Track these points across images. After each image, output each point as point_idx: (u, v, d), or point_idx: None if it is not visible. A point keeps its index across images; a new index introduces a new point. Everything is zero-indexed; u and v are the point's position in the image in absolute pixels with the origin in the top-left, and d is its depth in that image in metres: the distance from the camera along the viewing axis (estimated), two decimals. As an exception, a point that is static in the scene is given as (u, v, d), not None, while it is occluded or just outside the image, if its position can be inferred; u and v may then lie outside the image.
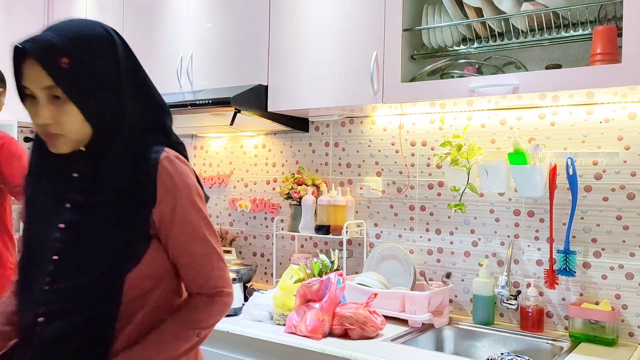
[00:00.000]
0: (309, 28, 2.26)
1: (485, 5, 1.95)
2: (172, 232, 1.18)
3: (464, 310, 2.25)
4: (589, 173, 2.00)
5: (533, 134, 2.11)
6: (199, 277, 1.22)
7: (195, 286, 1.23)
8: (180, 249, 1.20)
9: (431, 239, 2.33)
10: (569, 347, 1.86)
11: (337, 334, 1.90)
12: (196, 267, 1.21)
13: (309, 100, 2.26)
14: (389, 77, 2.04)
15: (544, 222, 2.08)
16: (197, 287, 1.22)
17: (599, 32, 1.74)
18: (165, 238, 1.18)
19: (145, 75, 1.23)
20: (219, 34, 2.54)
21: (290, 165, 2.76)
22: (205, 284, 1.22)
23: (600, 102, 1.95)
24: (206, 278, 1.22)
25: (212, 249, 1.23)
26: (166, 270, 1.21)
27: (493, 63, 2.13)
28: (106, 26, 1.17)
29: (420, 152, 2.37)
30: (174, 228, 1.18)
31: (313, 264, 2.12)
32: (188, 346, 1.21)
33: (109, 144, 1.14)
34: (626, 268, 1.94)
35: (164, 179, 1.16)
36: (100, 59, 1.14)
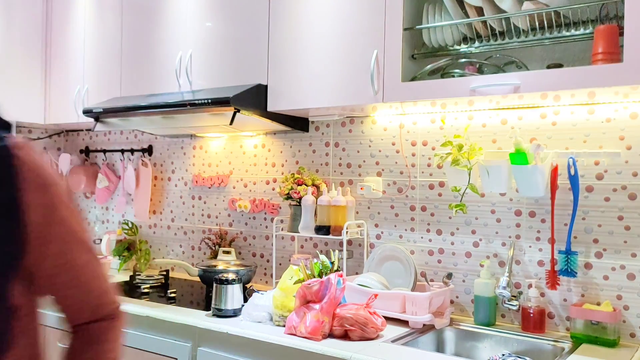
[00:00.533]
0: (309, 28, 2.25)
1: (486, 4, 1.95)
2: (49, 246, 0.89)
3: (465, 311, 2.24)
4: (590, 173, 1.99)
5: (534, 133, 2.10)
6: (91, 296, 0.96)
7: (87, 310, 0.97)
8: (59, 265, 0.92)
9: (432, 240, 2.32)
10: (570, 348, 1.85)
11: (337, 335, 1.89)
12: (83, 283, 0.95)
13: (309, 100, 2.25)
14: (389, 76, 2.03)
15: (546, 222, 2.07)
16: (90, 310, 0.97)
17: (600, 31, 1.73)
18: (38, 259, 0.88)
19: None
20: (219, 33, 2.53)
21: (290, 165, 2.75)
22: (101, 303, 0.96)
23: (602, 101, 1.95)
24: (99, 294, 0.97)
25: (93, 253, 0.97)
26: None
27: (494, 62, 2.12)
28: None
29: (421, 152, 2.36)
30: (51, 238, 0.89)
31: (313, 265, 2.10)
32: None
33: None
34: (628, 269, 1.93)
35: (26, 175, 0.87)
36: None
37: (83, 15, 3.12)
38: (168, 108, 2.43)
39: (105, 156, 3.52)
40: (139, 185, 3.24)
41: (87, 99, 3.06)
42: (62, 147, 3.78)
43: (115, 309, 0.98)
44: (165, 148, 3.25)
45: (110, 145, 3.53)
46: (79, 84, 3.12)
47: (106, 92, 2.98)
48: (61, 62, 3.24)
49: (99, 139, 3.60)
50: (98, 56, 3.03)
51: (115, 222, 3.48)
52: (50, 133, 3.71)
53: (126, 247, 3.14)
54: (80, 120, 3.08)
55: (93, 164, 3.61)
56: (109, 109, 2.68)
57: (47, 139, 3.70)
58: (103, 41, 3.01)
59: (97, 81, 3.03)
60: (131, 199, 3.33)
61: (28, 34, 3.24)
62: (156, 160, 3.28)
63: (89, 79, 3.08)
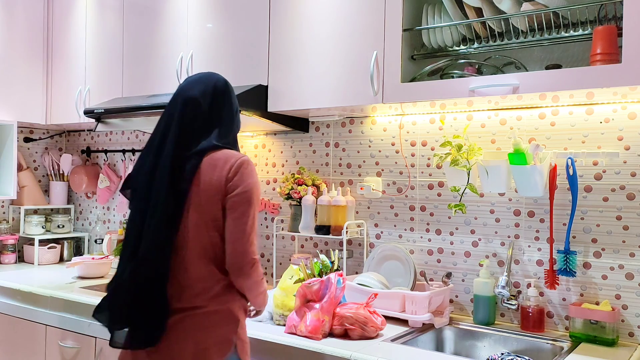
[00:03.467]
0: (309, 28, 2.26)
1: (485, 5, 1.95)
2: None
3: (464, 310, 2.25)
4: (589, 173, 2.00)
5: (533, 134, 2.11)
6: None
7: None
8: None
9: (431, 239, 2.33)
10: (569, 347, 1.86)
11: (337, 334, 1.90)
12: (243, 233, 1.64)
13: (309, 101, 2.26)
14: (389, 77, 2.04)
15: (544, 222, 2.08)
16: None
17: (599, 32, 1.74)
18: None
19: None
20: (219, 34, 2.54)
21: (291, 165, 2.76)
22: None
23: (601, 102, 1.95)
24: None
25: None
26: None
27: (493, 63, 2.13)
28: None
29: (421, 153, 2.37)
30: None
31: (313, 264, 2.11)
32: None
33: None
34: (626, 268, 1.93)
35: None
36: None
37: (84, 15, 3.13)
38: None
39: (106, 156, 3.53)
40: (140, 185, 3.25)
41: (88, 99, 3.07)
42: (63, 147, 3.79)
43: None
44: (166, 148, 3.25)
45: (112, 145, 3.54)
46: (81, 85, 3.13)
47: (107, 92, 2.99)
48: (63, 62, 3.25)
49: (100, 139, 3.61)
50: (99, 57, 3.04)
51: (116, 222, 3.49)
52: (51, 133, 3.72)
53: (127, 246, 3.15)
54: (81, 121, 3.09)
55: (94, 164, 3.62)
56: (110, 109, 2.69)
57: (48, 139, 3.71)
58: (104, 42, 3.02)
59: (99, 82, 3.04)
60: (132, 199, 3.34)
61: (29, 34, 3.25)
62: (157, 161, 3.29)
63: (91, 79, 3.09)
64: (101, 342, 2.35)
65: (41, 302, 2.59)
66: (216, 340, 1.56)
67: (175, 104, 1.67)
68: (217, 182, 1.59)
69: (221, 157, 1.63)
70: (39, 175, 3.66)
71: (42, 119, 3.31)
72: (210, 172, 1.60)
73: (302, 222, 2.51)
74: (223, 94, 1.71)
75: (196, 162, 1.60)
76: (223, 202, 1.60)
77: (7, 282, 2.75)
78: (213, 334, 1.56)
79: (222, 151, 1.65)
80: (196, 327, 1.55)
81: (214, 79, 1.72)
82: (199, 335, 1.55)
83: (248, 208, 1.61)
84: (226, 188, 1.60)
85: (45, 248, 3.37)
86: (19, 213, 3.45)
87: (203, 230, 1.58)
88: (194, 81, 1.72)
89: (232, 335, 1.59)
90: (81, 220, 3.68)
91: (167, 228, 1.56)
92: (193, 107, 1.65)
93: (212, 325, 1.57)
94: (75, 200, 3.71)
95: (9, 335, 2.73)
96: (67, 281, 2.83)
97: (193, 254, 1.58)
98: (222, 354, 1.57)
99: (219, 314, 1.59)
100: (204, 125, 1.66)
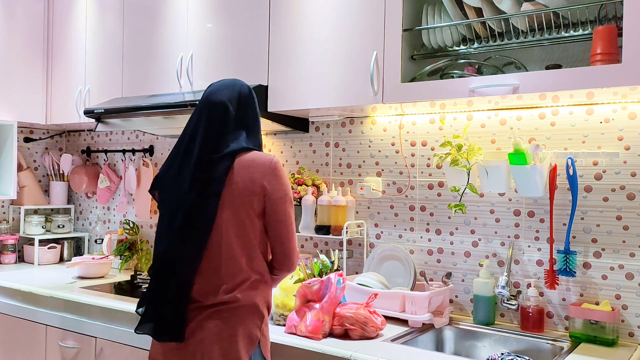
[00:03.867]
0: (309, 28, 2.26)
1: (485, 5, 1.95)
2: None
3: (464, 310, 2.25)
4: (589, 173, 2.00)
5: (533, 134, 2.11)
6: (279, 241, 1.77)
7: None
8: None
9: (431, 239, 2.33)
10: (569, 347, 1.86)
11: (337, 334, 1.90)
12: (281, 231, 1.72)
13: (309, 101, 2.26)
14: (389, 77, 2.04)
15: (544, 222, 2.08)
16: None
17: (599, 32, 1.74)
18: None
19: None
20: (219, 34, 2.54)
21: (291, 165, 2.76)
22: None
23: (601, 102, 1.95)
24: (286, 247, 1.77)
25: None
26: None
27: (493, 63, 2.13)
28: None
29: (421, 153, 2.37)
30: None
31: (313, 264, 2.11)
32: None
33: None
34: (626, 268, 1.93)
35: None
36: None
37: (84, 16, 3.13)
38: (169, 108, 2.44)
39: (106, 156, 3.54)
40: (140, 185, 3.26)
41: (88, 99, 3.08)
42: (63, 147, 3.79)
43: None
44: (166, 148, 3.26)
45: (112, 145, 3.54)
46: (81, 85, 3.13)
47: (107, 92, 2.99)
48: (63, 62, 3.25)
49: (100, 139, 3.61)
50: (99, 57, 3.05)
51: (116, 222, 3.49)
52: (51, 133, 3.72)
53: (127, 246, 3.16)
54: (81, 121, 3.09)
55: (94, 164, 3.62)
56: (110, 109, 2.69)
57: (48, 139, 3.71)
58: (104, 42, 3.02)
59: (99, 82, 3.05)
60: (132, 199, 3.34)
61: (30, 35, 3.25)
62: (157, 161, 3.29)
63: (91, 79, 3.09)
64: (101, 342, 2.35)
65: (41, 302, 2.59)
66: (243, 335, 1.61)
67: (204, 108, 1.73)
68: (252, 184, 1.65)
69: (253, 158, 1.68)
70: (39, 175, 3.66)
71: (42, 119, 3.31)
72: (244, 173, 1.66)
73: (302, 222, 2.51)
74: (248, 99, 1.78)
75: (229, 164, 1.65)
76: (260, 203, 1.67)
77: (7, 282, 2.75)
78: (240, 329, 1.61)
79: (252, 153, 1.70)
80: (225, 322, 1.60)
81: (238, 85, 1.79)
82: (228, 330, 1.60)
83: (289, 208, 1.71)
84: (264, 190, 1.66)
85: (45, 248, 3.37)
86: (19, 213, 3.45)
87: (236, 230, 1.64)
88: (220, 86, 1.78)
89: (257, 331, 1.64)
90: (81, 220, 3.68)
91: (192, 228, 1.62)
92: (222, 111, 1.71)
93: (239, 320, 1.61)
94: (75, 200, 3.71)
95: (9, 335, 2.73)
96: (67, 281, 2.83)
97: (225, 252, 1.63)
98: (248, 349, 1.61)
99: (246, 308, 1.63)
100: (232, 129, 1.71)
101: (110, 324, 2.33)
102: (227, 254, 1.63)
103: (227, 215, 1.63)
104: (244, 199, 1.64)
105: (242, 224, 1.64)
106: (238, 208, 1.64)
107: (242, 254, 1.64)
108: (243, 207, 1.64)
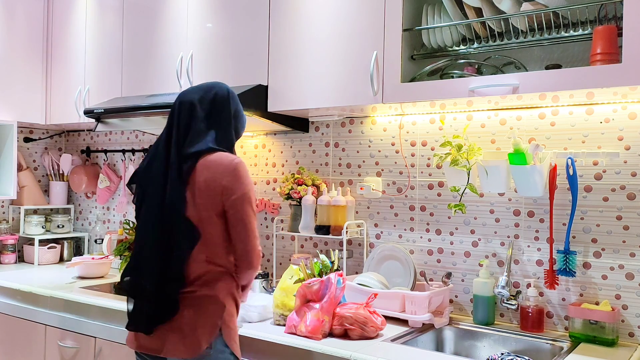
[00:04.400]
0: (309, 28, 2.26)
1: (485, 5, 1.95)
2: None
3: (464, 310, 2.25)
4: (589, 173, 2.00)
5: (533, 134, 2.11)
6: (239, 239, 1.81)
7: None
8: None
9: (431, 239, 2.33)
10: (568, 347, 1.86)
11: (337, 334, 1.90)
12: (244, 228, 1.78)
13: (309, 101, 2.26)
14: (388, 77, 2.04)
15: (544, 222, 2.08)
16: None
17: (599, 32, 1.74)
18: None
19: None
20: (219, 33, 2.54)
21: (290, 165, 2.76)
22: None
23: (601, 102, 1.95)
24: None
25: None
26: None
27: (493, 63, 2.13)
28: None
29: (420, 153, 2.37)
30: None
31: (313, 264, 2.11)
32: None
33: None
34: (626, 268, 1.93)
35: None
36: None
37: (84, 15, 3.13)
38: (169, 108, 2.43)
39: (106, 156, 3.53)
40: (140, 185, 3.25)
41: (88, 99, 3.07)
42: (63, 147, 3.79)
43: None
44: (166, 148, 3.25)
45: (111, 145, 3.54)
46: (80, 85, 3.13)
47: (107, 92, 2.99)
48: (62, 62, 3.25)
49: (100, 139, 3.61)
50: (99, 57, 3.04)
51: (116, 222, 3.49)
52: (51, 133, 3.72)
53: (127, 246, 3.14)
54: (81, 121, 3.09)
55: (94, 164, 3.62)
56: (110, 109, 2.69)
57: (48, 139, 3.71)
58: (104, 42, 3.02)
59: (98, 82, 3.04)
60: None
61: (29, 34, 3.25)
62: (157, 161, 3.29)
63: (90, 79, 3.09)
64: (101, 342, 2.35)
65: (41, 302, 2.59)
66: (203, 324, 1.70)
67: (174, 108, 1.84)
68: (213, 183, 1.73)
69: (216, 159, 1.75)
70: (39, 175, 3.66)
71: (42, 119, 3.31)
72: (206, 173, 1.73)
73: (302, 222, 2.51)
74: (223, 100, 1.84)
75: (192, 164, 1.74)
76: (222, 203, 1.74)
77: (7, 282, 2.75)
78: (200, 318, 1.70)
79: (216, 154, 1.77)
80: (187, 311, 1.70)
81: (217, 87, 1.86)
82: (189, 318, 1.70)
83: (249, 207, 1.75)
84: (223, 190, 1.73)
85: (45, 248, 3.37)
86: (19, 213, 3.45)
87: (200, 227, 1.72)
88: (194, 88, 1.88)
89: (218, 320, 1.72)
90: (81, 220, 3.68)
91: (160, 223, 1.72)
92: (188, 112, 1.80)
93: (201, 309, 1.71)
94: (75, 200, 3.71)
95: (9, 335, 2.72)
96: (67, 281, 2.83)
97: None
98: (208, 337, 1.70)
99: (207, 298, 1.72)
100: (202, 129, 1.78)
101: (109, 324, 2.33)
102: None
103: (190, 213, 1.72)
104: (206, 198, 1.72)
105: (204, 222, 1.72)
106: (200, 207, 1.72)
107: (203, 250, 1.72)
108: (204, 206, 1.72)
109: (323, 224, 2.45)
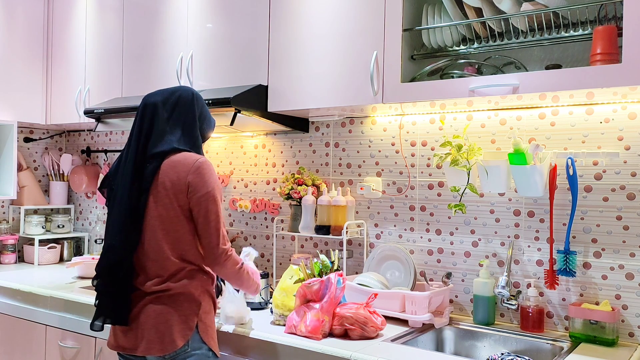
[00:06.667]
0: (309, 28, 2.26)
1: (485, 5, 1.95)
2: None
3: (464, 310, 2.25)
4: (589, 173, 2.00)
5: (533, 134, 2.11)
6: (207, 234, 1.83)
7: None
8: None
9: (431, 239, 2.33)
10: (569, 348, 1.86)
11: (337, 334, 1.90)
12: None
13: (309, 101, 2.26)
14: (389, 77, 2.04)
15: (544, 222, 2.08)
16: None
17: (599, 32, 1.74)
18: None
19: None
20: (219, 34, 2.54)
21: (291, 165, 2.76)
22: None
23: (601, 102, 1.95)
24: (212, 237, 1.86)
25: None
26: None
27: (493, 63, 2.13)
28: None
29: (421, 153, 2.37)
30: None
31: (313, 264, 2.11)
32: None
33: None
34: (626, 268, 1.93)
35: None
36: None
37: (84, 16, 3.13)
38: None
39: (106, 156, 3.54)
40: (140, 185, 3.25)
41: (88, 99, 3.08)
42: (63, 147, 3.79)
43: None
44: (166, 148, 3.25)
45: (112, 145, 3.54)
46: (80, 85, 3.13)
47: (107, 92, 2.99)
48: (62, 62, 3.25)
49: (100, 139, 3.61)
50: (99, 57, 3.05)
51: (116, 222, 3.48)
52: (51, 133, 3.72)
53: (127, 246, 3.15)
54: (81, 121, 3.09)
55: (94, 164, 3.62)
56: (110, 109, 2.69)
57: (48, 139, 3.71)
58: (104, 42, 3.02)
59: (99, 82, 3.05)
60: (132, 199, 3.34)
61: (29, 34, 3.25)
62: (157, 161, 3.29)
63: (90, 79, 3.09)
64: (101, 342, 2.35)
65: (41, 302, 2.59)
66: (178, 321, 1.74)
67: (138, 111, 1.88)
68: (178, 182, 1.77)
69: (180, 159, 1.79)
70: (39, 175, 3.66)
71: (42, 119, 3.31)
72: (170, 173, 1.78)
73: (302, 222, 2.51)
74: (187, 102, 1.88)
75: (157, 165, 1.78)
76: (187, 201, 1.78)
77: (7, 282, 2.75)
78: (176, 314, 1.74)
79: (181, 153, 1.81)
80: (162, 308, 1.74)
81: (181, 90, 1.90)
82: (164, 315, 1.74)
83: (213, 205, 1.78)
84: (188, 189, 1.77)
85: (45, 248, 3.37)
86: (19, 213, 3.45)
87: (168, 225, 1.77)
88: (158, 91, 1.91)
89: (193, 317, 1.76)
90: (81, 220, 3.68)
91: (130, 223, 1.77)
92: (151, 113, 1.84)
93: (175, 306, 1.75)
94: (75, 200, 3.71)
95: (9, 335, 2.73)
96: (67, 281, 2.83)
97: (160, 246, 1.76)
98: (184, 334, 1.74)
99: (182, 296, 1.76)
100: (166, 130, 1.82)
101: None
102: (156, 248, 1.76)
103: (157, 212, 1.77)
104: (171, 197, 1.77)
105: (171, 221, 1.77)
106: (167, 206, 1.77)
107: (172, 248, 1.77)
108: (171, 205, 1.77)
109: (323, 224, 2.45)
